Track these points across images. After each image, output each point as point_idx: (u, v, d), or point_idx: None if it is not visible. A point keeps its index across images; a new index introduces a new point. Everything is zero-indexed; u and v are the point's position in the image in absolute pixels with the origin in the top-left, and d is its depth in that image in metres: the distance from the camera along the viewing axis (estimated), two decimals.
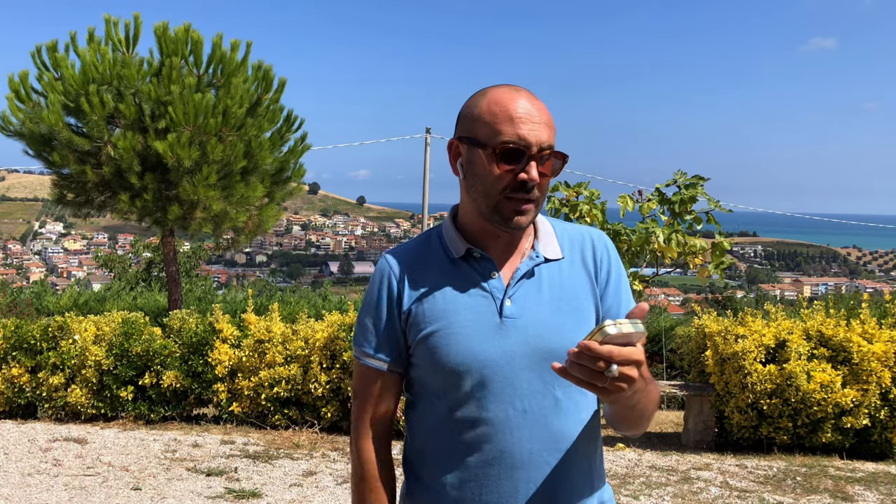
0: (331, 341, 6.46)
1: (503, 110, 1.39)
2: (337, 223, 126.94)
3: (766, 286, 67.19)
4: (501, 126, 1.38)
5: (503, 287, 1.44)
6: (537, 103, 1.42)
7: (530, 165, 1.37)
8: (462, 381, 1.40)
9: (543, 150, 1.39)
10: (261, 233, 9.37)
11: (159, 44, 8.29)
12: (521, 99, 1.40)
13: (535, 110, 1.40)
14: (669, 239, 6.64)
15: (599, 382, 1.18)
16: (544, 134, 1.39)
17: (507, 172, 1.38)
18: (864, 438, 6.10)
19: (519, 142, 1.37)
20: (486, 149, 1.39)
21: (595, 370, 1.17)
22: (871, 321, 6.26)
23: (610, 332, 1.16)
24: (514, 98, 1.41)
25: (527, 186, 1.38)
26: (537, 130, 1.38)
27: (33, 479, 5.12)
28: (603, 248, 1.53)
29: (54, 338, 6.88)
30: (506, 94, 1.42)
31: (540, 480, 1.41)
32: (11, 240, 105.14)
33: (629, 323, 1.18)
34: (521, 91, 1.43)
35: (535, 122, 1.39)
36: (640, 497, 4.93)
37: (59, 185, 8.65)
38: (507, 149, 1.37)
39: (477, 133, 1.41)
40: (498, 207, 1.40)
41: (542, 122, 1.40)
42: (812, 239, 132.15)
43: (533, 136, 1.38)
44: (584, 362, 1.18)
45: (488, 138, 1.39)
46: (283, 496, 4.87)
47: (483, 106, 1.42)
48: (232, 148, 8.02)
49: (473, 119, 1.42)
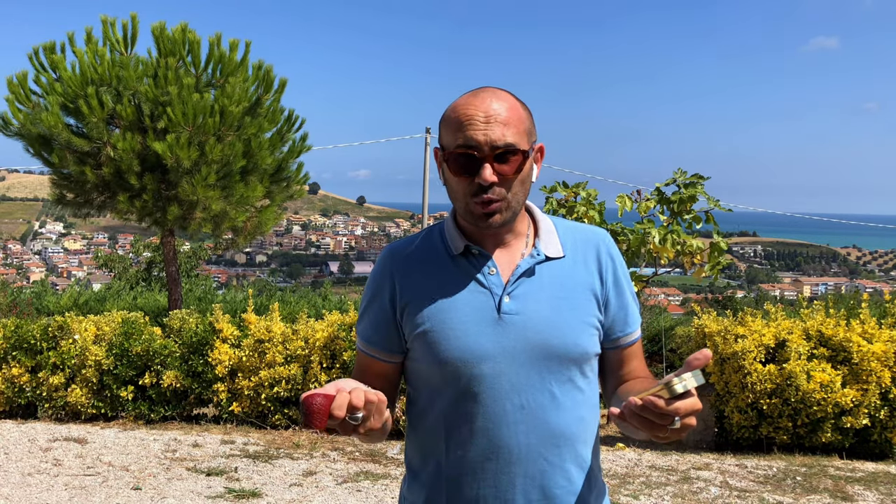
0: (331, 341, 6.46)
1: (457, 116, 1.39)
2: (337, 223, 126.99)
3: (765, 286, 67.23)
4: (454, 132, 1.39)
5: (502, 284, 1.45)
6: (496, 102, 1.39)
7: (483, 168, 1.37)
8: (460, 376, 1.41)
9: (497, 149, 1.37)
10: (260, 233, 9.38)
11: (157, 44, 8.29)
12: (476, 100, 1.39)
13: (491, 108, 1.38)
14: (665, 239, 6.64)
15: (661, 433, 1.21)
16: (498, 132, 1.36)
17: (464, 177, 1.39)
18: (864, 438, 6.10)
19: (468, 144, 1.37)
20: (445, 157, 1.41)
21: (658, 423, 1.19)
22: (870, 321, 6.26)
23: (678, 390, 1.17)
24: (468, 101, 1.40)
25: (483, 189, 1.38)
26: (488, 130, 1.36)
27: (33, 479, 5.13)
28: (608, 250, 1.54)
29: (54, 338, 6.88)
30: (465, 98, 1.42)
31: (537, 475, 1.42)
32: (11, 240, 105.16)
33: (692, 377, 1.18)
34: (481, 93, 1.41)
35: (487, 122, 1.37)
36: (639, 497, 4.93)
37: (58, 185, 8.66)
38: (456, 154, 1.38)
39: (442, 141, 1.43)
40: (468, 210, 1.42)
41: (497, 121, 1.37)
42: (812, 239, 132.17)
43: (482, 136, 1.36)
44: (648, 416, 1.19)
45: (447, 146, 1.41)
46: (283, 496, 4.88)
47: (447, 113, 1.43)
48: (231, 148, 8.02)
49: (441, 127, 1.45)
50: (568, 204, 7.07)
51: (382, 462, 5.66)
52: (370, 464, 5.60)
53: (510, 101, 1.41)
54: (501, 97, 1.41)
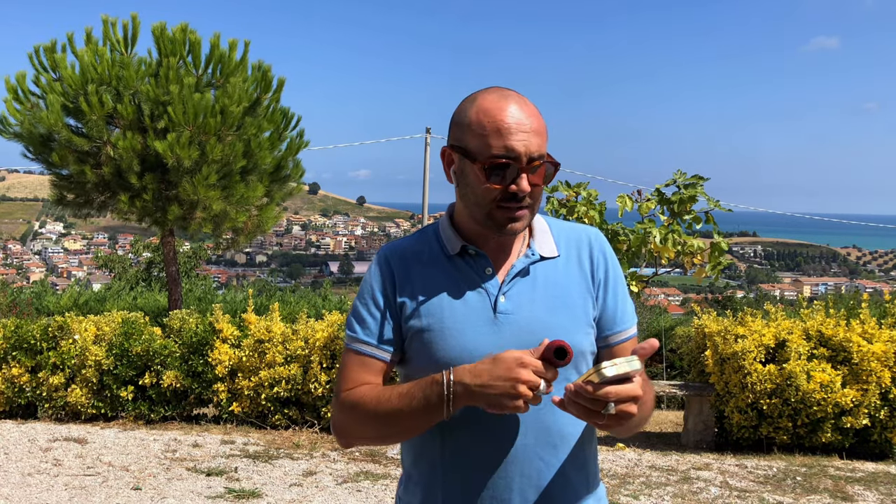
0: (331, 341, 6.46)
1: (491, 121, 1.37)
2: (337, 223, 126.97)
3: (765, 286, 67.22)
4: (490, 139, 1.37)
5: (497, 284, 1.45)
6: (527, 109, 1.39)
7: (521, 178, 1.37)
8: None
9: (534, 161, 1.37)
10: (260, 233, 9.38)
11: (157, 44, 8.30)
12: (510, 106, 1.38)
13: (525, 118, 1.37)
14: (666, 239, 6.64)
15: (598, 420, 1.23)
16: (534, 143, 1.37)
17: (498, 185, 1.38)
18: (864, 438, 6.10)
19: (508, 154, 1.36)
20: (475, 162, 1.38)
21: (592, 409, 1.21)
22: (870, 321, 6.26)
23: (608, 374, 1.19)
24: (502, 107, 1.38)
25: (518, 197, 1.38)
26: (527, 140, 1.36)
27: (33, 479, 5.13)
28: (600, 248, 1.53)
29: (54, 338, 6.88)
30: (495, 101, 1.39)
31: (534, 475, 1.42)
32: (11, 240, 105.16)
33: (625, 362, 1.19)
34: (509, 97, 1.40)
35: (525, 132, 1.36)
36: (639, 497, 4.93)
37: (58, 185, 8.66)
38: (495, 163, 1.36)
39: (467, 143, 1.40)
40: (491, 215, 1.41)
41: (532, 130, 1.37)
42: (812, 239, 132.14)
43: (522, 146, 1.36)
44: (580, 402, 1.21)
45: (478, 151, 1.38)
46: (283, 496, 4.88)
47: (472, 114, 1.40)
48: (231, 147, 8.03)
49: (463, 128, 1.41)
50: (569, 204, 7.08)
51: (382, 462, 5.66)
52: (370, 464, 5.60)
53: (535, 109, 1.41)
54: (529, 105, 1.41)
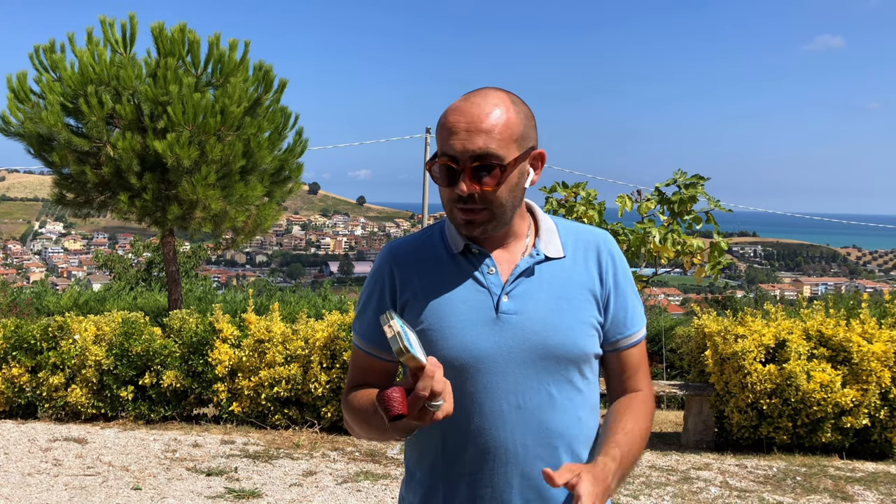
0: (331, 341, 6.46)
1: (443, 121, 1.37)
2: (337, 223, 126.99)
3: (765, 286, 67.17)
4: (440, 140, 1.38)
5: (501, 283, 1.44)
6: (482, 108, 1.34)
7: (460, 180, 1.35)
8: (457, 375, 1.40)
9: (476, 160, 1.33)
10: (260, 232, 9.38)
11: (156, 44, 8.30)
12: (464, 106, 1.35)
13: (474, 117, 1.33)
14: (665, 239, 6.64)
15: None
16: (478, 141, 1.32)
17: (445, 186, 1.38)
18: (864, 438, 6.10)
19: (446, 154, 1.35)
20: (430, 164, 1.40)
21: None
22: (870, 321, 6.26)
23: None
24: (456, 107, 1.37)
25: (463, 199, 1.36)
26: (467, 140, 1.32)
27: (33, 479, 5.12)
28: (609, 251, 1.52)
29: (54, 338, 6.88)
30: (456, 103, 1.38)
31: (534, 475, 1.41)
32: (11, 240, 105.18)
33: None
34: (471, 97, 1.37)
35: (468, 131, 1.33)
36: (640, 497, 4.93)
37: (58, 185, 8.66)
38: (440, 163, 1.37)
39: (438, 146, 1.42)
40: (452, 217, 1.42)
41: (480, 129, 1.32)
42: (812, 239, 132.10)
43: (459, 146, 1.33)
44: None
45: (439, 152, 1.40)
46: (283, 496, 4.87)
47: (440, 118, 1.41)
48: (231, 147, 8.02)
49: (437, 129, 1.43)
50: (568, 204, 7.07)
51: (382, 462, 5.65)
52: (370, 464, 5.60)
53: (501, 105, 1.35)
54: (491, 102, 1.35)
